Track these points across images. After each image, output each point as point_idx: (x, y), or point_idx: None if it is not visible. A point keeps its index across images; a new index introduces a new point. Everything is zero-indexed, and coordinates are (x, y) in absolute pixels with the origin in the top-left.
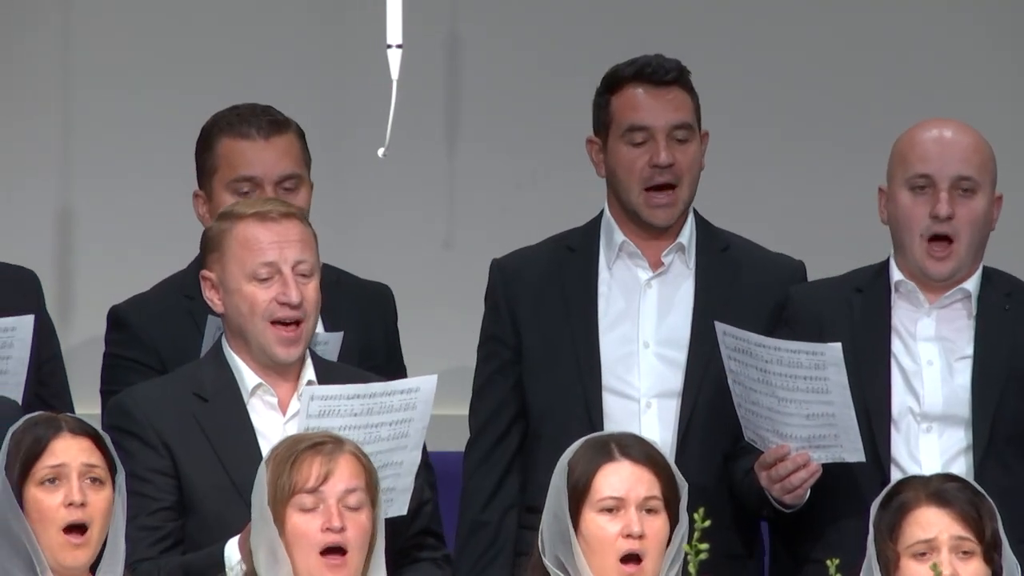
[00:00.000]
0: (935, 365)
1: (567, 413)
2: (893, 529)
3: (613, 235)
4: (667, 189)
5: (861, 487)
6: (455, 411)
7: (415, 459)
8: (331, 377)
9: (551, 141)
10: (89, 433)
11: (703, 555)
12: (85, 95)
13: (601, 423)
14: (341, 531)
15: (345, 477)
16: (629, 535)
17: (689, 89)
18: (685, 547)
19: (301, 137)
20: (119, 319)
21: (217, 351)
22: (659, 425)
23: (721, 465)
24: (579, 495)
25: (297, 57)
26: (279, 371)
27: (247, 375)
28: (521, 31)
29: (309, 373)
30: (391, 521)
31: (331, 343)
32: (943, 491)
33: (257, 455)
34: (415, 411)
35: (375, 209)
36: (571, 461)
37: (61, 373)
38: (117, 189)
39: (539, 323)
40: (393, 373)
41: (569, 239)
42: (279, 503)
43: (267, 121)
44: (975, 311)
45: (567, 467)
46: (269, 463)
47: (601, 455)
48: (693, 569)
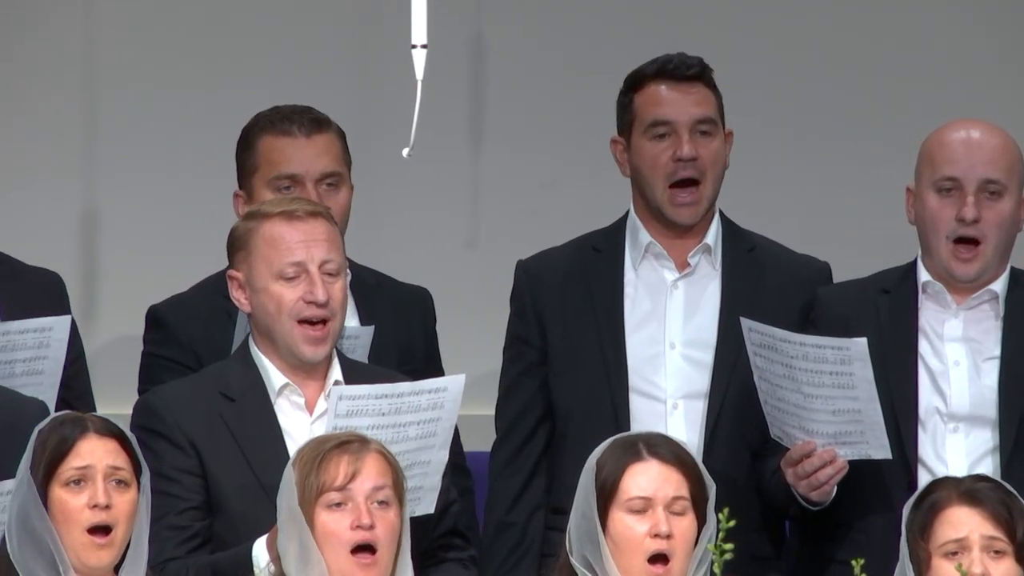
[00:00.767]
0: (962, 366)
1: (593, 414)
2: (924, 529)
3: (639, 236)
4: (691, 185)
5: (887, 488)
6: (480, 411)
7: (442, 458)
8: (358, 377)
9: (575, 142)
10: (115, 434)
11: (728, 555)
12: (109, 95)
13: (627, 424)
14: (371, 528)
15: (372, 475)
16: (657, 535)
17: (712, 86)
18: (709, 547)
19: (342, 137)
20: (157, 318)
21: (244, 351)
22: (685, 426)
23: (748, 466)
24: (607, 495)
25: (322, 57)
26: (306, 371)
27: (274, 375)
28: (546, 31)
29: (336, 373)
30: (418, 521)
31: (362, 337)
32: (975, 491)
33: (284, 455)
34: (443, 410)
35: (399, 209)
36: (599, 460)
37: (84, 375)
38: (141, 190)
39: (565, 324)
40: (431, 376)
41: (594, 240)
42: (307, 503)
43: (309, 119)
44: (1002, 312)
45: (595, 466)
46: (296, 464)
47: (629, 455)
48: (718, 569)
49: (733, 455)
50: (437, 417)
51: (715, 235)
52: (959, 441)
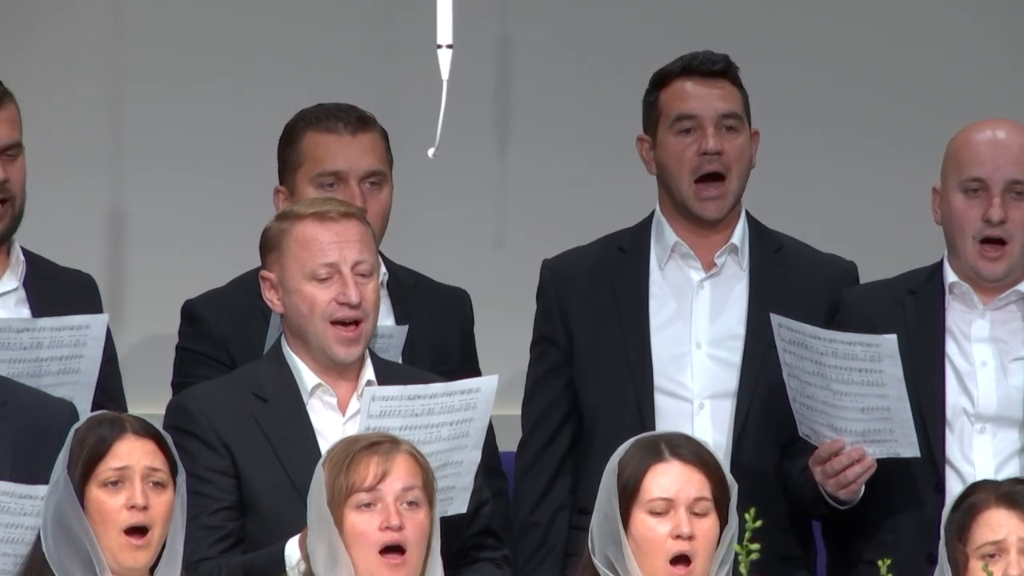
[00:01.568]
0: (989, 366)
1: (619, 414)
2: (962, 531)
3: (665, 235)
4: (716, 180)
5: (915, 488)
6: (506, 411)
7: (475, 458)
8: (391, 377)
9: (601, 141)
10: (152, 434)
11: (754, 555)
12: (135, 94)
13: (653, 424)
14: (400, 529)
15: (402, 476)
16: (679, 536)
17: (737, 83)
18: (736, 547)
19: (385, 137)
20: (191, 313)
21: (277, 351)
22: (712, 426)
23: (776, 465)
24: (629, 495)
25: (348, 57)
26: (339, 371)
27: (306, 375)
28: (571, 31)
29: (369, 373)
30: (451, 521)
31: (395, 337)
32: (1013, 493)
33: (316, 455)
34: (475, 411)
35: (425, 209)
36: (621, 461)
37: (117, 377)
38: (168, 188)
39: (590, 324)
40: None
41: (620, 239)
42: (337, 503)
43: (354, 117)
44: None
45: (617, 467)
46: (326, 464)
47: (651, 455)
48: (744, 570)
49: (761, 454)
50: (470, 418)
51: (742, 235)
52: (986, 442)
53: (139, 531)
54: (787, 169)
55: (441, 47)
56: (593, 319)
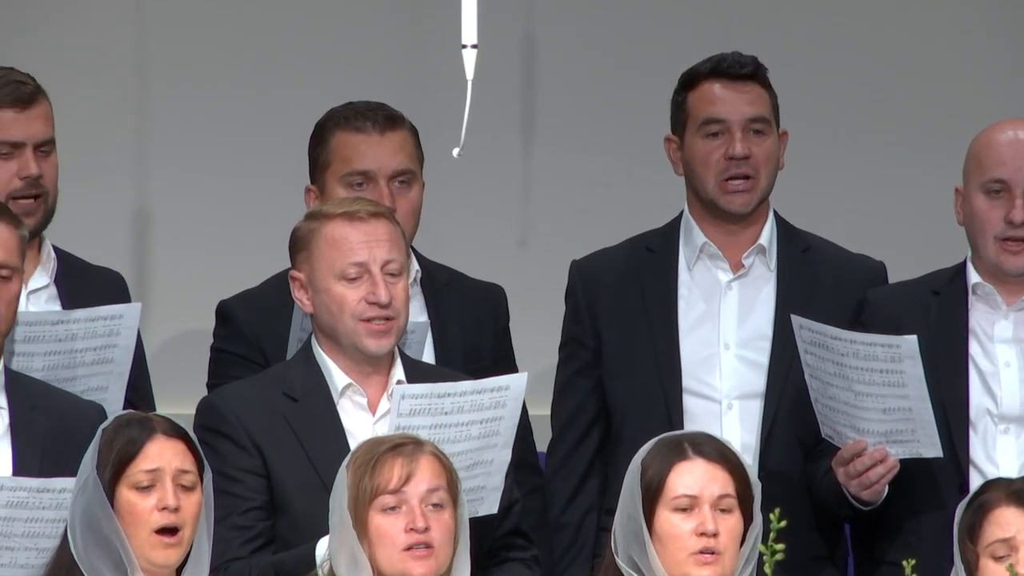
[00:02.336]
0: (1012, 367)
1: (647, 415)
2: (973, 530)
3: (693, 236)
4: (744, 178)
5: (939, 489)
6: (532, 411)
7: (505, 458)
8: (421, 377)
9: (626, 140)
10: (181, 435)
11: (779, 555)
12: (161, 93)
13: (681, 425)
14: (425, 531)
15: (427, 477)
16: (703, 533)
17: (766, 85)
18: (761, 547)
19: (415, 135)
20: (224, 313)
21: (307, 351)
22: (740, 427)
23: (804, 465)
24: (653, 494)
25: (372, 57)
26: (369, 371)
27: (336, 375)
28: (596, 31)
29: (399, 373)
30: (481, 521)
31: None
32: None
33: (346, 455)
34: (505, 409)
35: (450, 208)
36: (644, 460)
37: (146, 376)
38: (194, 188)
39: (619, 325)
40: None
41: (648, 240)
42: (361, 506)
43: (383, 116)
44: None
45: (640, 467)
46: (349, 467)
47: (675, 454)
48: (769, 570)
49: (789, 455)
50: (499, 416)
51: (770, 235)
52: (1010, 442)
53: (170, 531)
54: (815, 169)
55: (466, 47)
56: (622, 320)
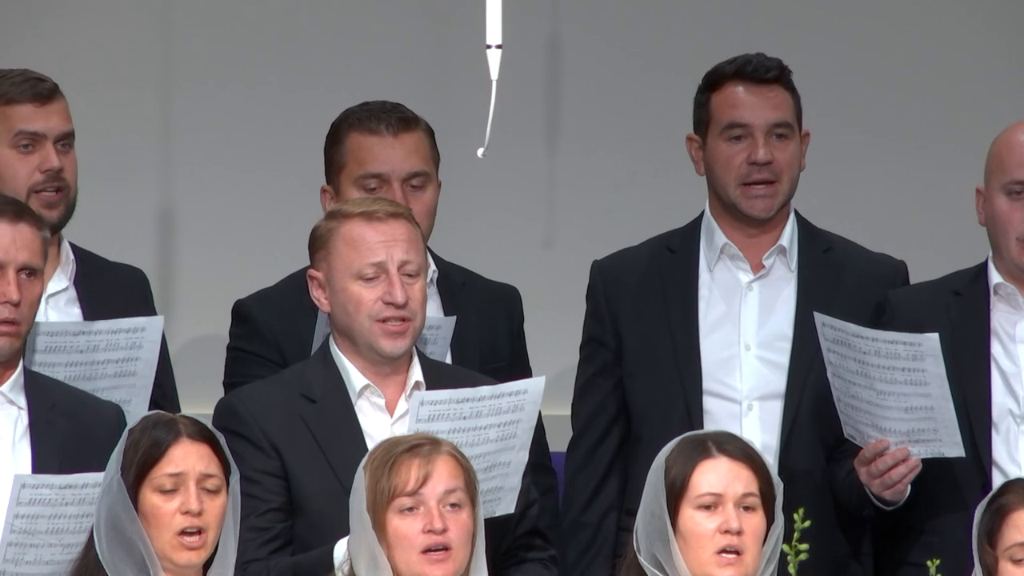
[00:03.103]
0: None
1: (668, 415)
2: (991, 533)
3: (714, 237)
4: (765, 183)
5: (961, 490)
6: (553, 411)
7: (522, 459)
8: (439, 377)
9: (651, 141)
10: (207, 438)
11: (803, 556)
12: (185, 93)
13: (702, 425)
14: (443, 532)
15: (444, 478)
16: (727, 531)
17: (790, 88)
18: (784, 547)
19: (430, 135)
20: (242, 313)
21: (325, 352)
22: (760, 428)
23: (825, 466)
24: (677, 492)
25: (397, 57)
26: (387, 372)
27: (355, 376)
28: (621, 31)
29: (417, 374)
30: (498, 521)
31: (443, 328)
32: None
33: (364, 456)
34: (523, 412)
35: (475, 209)
36: (668, 459)
37: (171, 376)
38: (218, 187)
39: (639, 325)
40: (517, 375)
41: (669, 240)
42: (379, 508)
43: (397, 118)
44: None
45: (664, 465)
46: (367, 468)
47: (699, 452)
48: (792, 569)
49: (811, 455)
50: (517, 419)
51: (790, 236)
52: None
53: (193, 532)
54: (836, 169)
55: (490, 47)
56: (642, 321)
